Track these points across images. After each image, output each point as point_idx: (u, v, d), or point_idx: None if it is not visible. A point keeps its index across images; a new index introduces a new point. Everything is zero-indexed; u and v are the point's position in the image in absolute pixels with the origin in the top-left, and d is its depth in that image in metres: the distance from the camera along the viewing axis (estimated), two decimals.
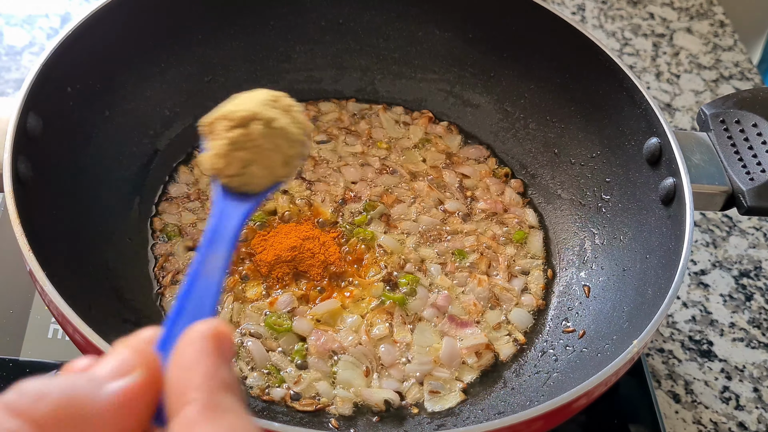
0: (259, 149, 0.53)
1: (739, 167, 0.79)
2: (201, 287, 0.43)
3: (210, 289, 0.43)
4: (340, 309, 0.82)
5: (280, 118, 0.55)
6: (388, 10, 1.01)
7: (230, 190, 0.53)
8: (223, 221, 0.50)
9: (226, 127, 0.53)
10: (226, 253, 0.46)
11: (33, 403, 0.31)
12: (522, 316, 0.85)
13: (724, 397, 0.90)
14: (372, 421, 0.76)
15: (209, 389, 0.33)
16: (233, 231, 0.49)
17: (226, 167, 0.53)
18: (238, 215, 0.51)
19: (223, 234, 0.48)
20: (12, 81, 1.11)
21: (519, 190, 0.97)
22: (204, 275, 0.44)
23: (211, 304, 0.42)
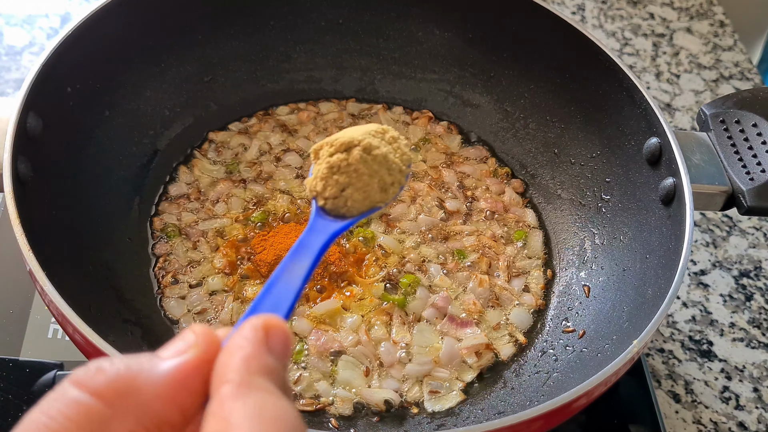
0: (357, 174, 0.55)
1: (739, 167, 0.79)
2: (279, 290, 0.45)
3: (288, 292, 0.45)
4: (340, 309, 0.82)
5: (381, 147, 0.57)
6: (388, 10, 1.01)
7: (326, 211, 0.56)
8: (312, 236, 0.52)
9: (328, 152, 0.56)
10: (310, 264, 0.48)
11: (94, 375, 0.33)
12: (522, 316, 0.85)
13: (724, 397, 0.90)
14: (372, 421, 0.76)
15: (246, 371, 0.34)
16: (320, 246, 0.51)
17: (324, 189, 0.55)
18: (327, 233, 0.53)
19: (310, 247, 0.50)
20: (12, 81, 1.11)
21: (519, 190, 0.97)
22: (284, 280, 0.46)
23: (286, 307, 0.44)
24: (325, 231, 0.53)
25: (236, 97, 1.00)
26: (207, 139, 0.97)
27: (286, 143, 0.98)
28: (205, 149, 0.96)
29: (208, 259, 0.86)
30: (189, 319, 0.81)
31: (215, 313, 0.81)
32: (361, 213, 0.56)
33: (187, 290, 0.83)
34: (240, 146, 0.97)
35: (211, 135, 0.98)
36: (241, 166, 0.95)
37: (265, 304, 0.44)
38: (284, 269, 0.47)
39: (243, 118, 1.00)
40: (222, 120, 0.99)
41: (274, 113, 1.01)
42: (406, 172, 0.59)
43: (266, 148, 0.97)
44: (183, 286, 0.83)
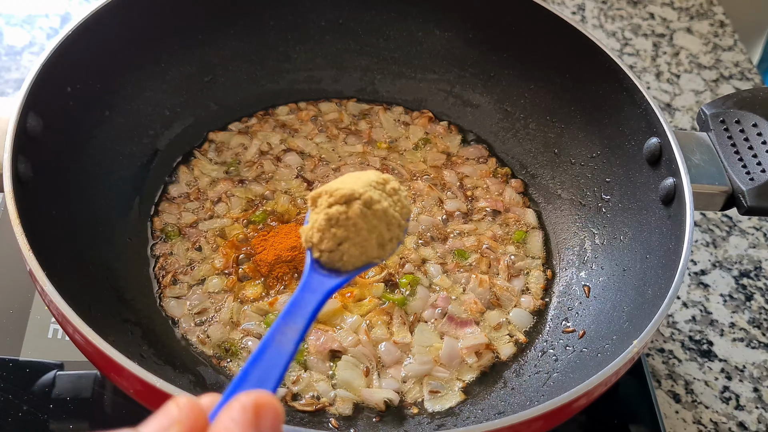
0: (356, 228, 0.54)
1: (739, 167, 0.79)
2: (270, 357, 0.43)
3: (279, 360, 0.43)
4: (340, 309, 0.82)
5: (382, 201, 0.56)
6: (388, 10, 1.01)
7: (322, 264, 0.54)
8: (307, 294, 0.50)
9: (327, 203, 0.54)
10: (303, 327, 0.46)
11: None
12: (522, 316, 0.85)
13: (724, 397, 0.90)
14: (372, 421, 0.76)
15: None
16: (314, 305, 0.49)
17: (320, 241, 0.54)
18: (322, 291, 0.52)
19: (304, 307, 0.49)
20: (12, 81, 1.11)
21: (519, 190, 0.97)
22: (276, 345, 0.44)
23: (277, 376, 0.42)
24: (320, 288, 0.52)
25: (236, 97, 1.00)
26: (207, 139, 0.97)
27: (286, 143, 0.98)
28: (205, 149, 0.96)
29: (208, 259, 0.86)
30: (189, 319, 0.81)
31: (215, 312, 0.81)
32: (356, 268, 0.55)
33: (187, 290, 0.83)
34: (240, 146, 0.97)
35: (211, 135, 0.98)
36: (241, 166, 0.95)
37: (255, 372, 0.41)
38: (276, 331, 0.45)
39: (243, 118, 1.00)
40: (222, 120, 0.99)
41: (274, 113, 1.01)
42: (405, 226, 0.58)
43: (266, 148, 0.97)
44: (183, 286, 0.83)
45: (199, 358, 0.78)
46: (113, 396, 0.78)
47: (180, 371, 0.75)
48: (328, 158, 0.97)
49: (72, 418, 0.76)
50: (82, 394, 0.78)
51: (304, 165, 0.96)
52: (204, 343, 0.79)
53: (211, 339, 0.79)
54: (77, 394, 0.78)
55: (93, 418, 0.76)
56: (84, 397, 0.78)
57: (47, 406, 0.76)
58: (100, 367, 0.64)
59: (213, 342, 0.79)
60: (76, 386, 0.78)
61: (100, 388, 0.78)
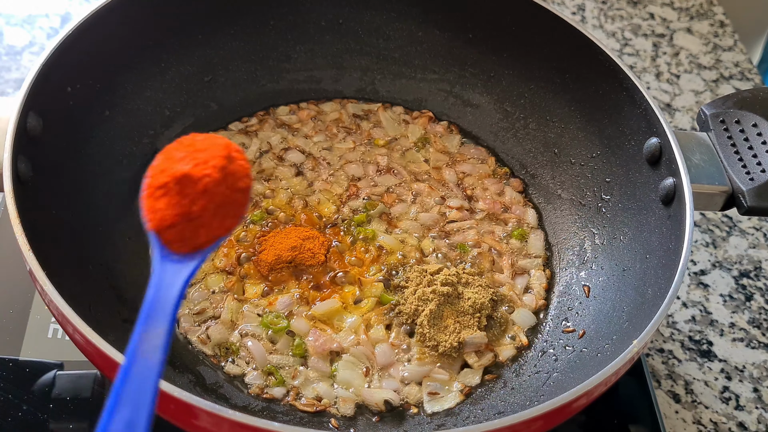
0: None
1: (739, 167, 0.79)
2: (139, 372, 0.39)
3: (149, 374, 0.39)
4: (340, 309, 0.82)
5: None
6: (388, 10, 1.01)
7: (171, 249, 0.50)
8: (162, 290, 0.46)
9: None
10: (167, 329, 0.42)
11: None
12: (525, 316, 0.85)
13: (724, 397, 0.90)
14: (372, 421, 0.76)
15: None
16: (173, 301, 0.45)
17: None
18: (179, 281, 0.47)
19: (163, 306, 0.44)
20: (12, 81, 1.11)
21: (518, 190, 0.97)
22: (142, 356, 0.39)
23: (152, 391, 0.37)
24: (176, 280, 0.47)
25: (236, 97, 1.00)
26: None
27: (286, 141, 0.98)
28: None
29: (208, 258, 0.86)
30: (189, 318, 0.81)
31: (215, 312, 0.81)
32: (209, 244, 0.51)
33: (187, 290, 0.83)
34: (240, 146, 0.97)
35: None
36: None
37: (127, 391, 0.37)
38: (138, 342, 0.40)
39: (243, 118, 1.00)
40: (222, 120, 0.99)
41: (274, 113, 1.01)
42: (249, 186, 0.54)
43: (266, 147, 0.97)
44: None
45: (199, 357, 0.78)
46: None
47: (180, 371, 0.75)
48: (327, 158, 0.97)
49: (72, 418, 0.76)
50: (82, 394, 0.78)
51: (304, 163, 0.96)
52: (204, 343, 0.79)
53: (212, 339, 0.79)
54: (77, 394, 0.78)
55: (93, 418, 0.76)
56: (84, 397, 0.78)
57: (47, 406, 0.76)
58: (100, 367, 0.64)
59: (213, 342, 0.79)
60: (76, 386, 0.78)
61: (100, 388, 0.78)
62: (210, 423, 0.56)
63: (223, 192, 0.51)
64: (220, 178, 0.51)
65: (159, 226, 0.50)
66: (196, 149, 0.52)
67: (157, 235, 0.50)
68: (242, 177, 0.54)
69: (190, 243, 0.51)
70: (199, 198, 0.50)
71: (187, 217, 0.50)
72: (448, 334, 0.79)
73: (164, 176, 0.51)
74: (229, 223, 0.53)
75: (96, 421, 0.47)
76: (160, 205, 0.50)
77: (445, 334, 0.79)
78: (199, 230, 0.51)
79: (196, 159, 0.51)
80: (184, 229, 0.51)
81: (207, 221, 0.51)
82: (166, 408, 0.57)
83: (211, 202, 0.51)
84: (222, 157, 0.52)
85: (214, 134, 0.56)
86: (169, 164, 0.52)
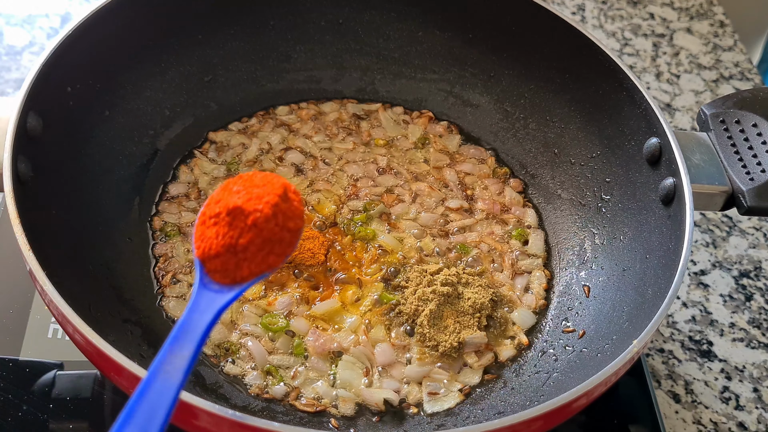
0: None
1: (739, 167, 0.79)
2: (157, 389, 0.38)
3: (167, 393, 0.38)
4: (340, 309, 0.82)
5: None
6: (388, 10, 1.01)
7: (212, 278, 0.51)
8: (196, 315, 0.46)
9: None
10: (192, 353, 0.42)
11: None
12: (525, 316, 0.85)
13: (724, 397, 0.90)
14: (372, 421, 0.76)
15: None
16: (204, 327, 0.45)
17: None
18: (213, 309, 0.48)
19: (193, 330, 0.44)
20: (12, 81, 1.11)
21: (518, 190, 0.97)
22: (163, 375, 0.39)
23: (164, 412, 0.37)
24: (211, 307, 0.48)
25: (236, 97, 1.00)
26: (207, 139, 0.97)
27: (286, 142, 0.98)
28: (205, 149, 0.96)
29: None
30: None
31: None
32: (251, 279, 0.52)
33: (187, 290, 0.83)
34: (240, 146, 0.97)
35: (211, 135, 0.98)
36: (241, 165, 0.95)
37: (141, 408, 0.37)
38: (163, 361, 0.40)
39: (243, 118, 1.00)
40: (222, 120, 0.99)
41: (274, 113, 1.01)
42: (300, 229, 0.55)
43: (266, 147, 0.97)
44: (183, 285, 0.83)
45: (199, 357, 0.78)
46: (113, 396, 0.78)
47: None
48: (328, 158, 0.97)
49: (72, 418, 0.76)
50: (82, 394, 0.78)
51: (305, 162, 0.96)
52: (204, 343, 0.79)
53: (211, 339, 0.79)
54: (77, 394, 0.78)
55: (93, 418, 0.76)
56: (84, 397, 0.78)
57: (47, 406, 0.76)
58: (100, 367, 0.64)
59: (213, 342, 0.79)
60: (76, 386, 0.78)
61: (100, 388, 0.78)
62: (210, 423, 0.56)
63: (272, 229, 0.52)
64: (270, 214, 0.52)
65: (205, 254, 0.52)
66: (253, 184, 0.54)
67: (201, 263, 0.51)
68: (294, 217, 0.54)
69: (232, 275, 0.52)
70: (247, 232, 0.51)
71: (233, 248, 0.51)
72: (448, 334, 0.79)
73: (218, 207, 0.52)
74: (273, 261, 0.54)
75: (96, 421, 0.47)
76: (209, 234, 0.52)
77: (445, 334, 0.79)
78: (242, 264, 0.52)
79: (250, 194, 0.53)
80: (229, 260, 0.51)
81: (251, 255, 0.52)
82: None
83: (258, 237, 0.52)
84: (277, 195, 0.53)
85: (274, 173, 0.57)
86: (226, 196, 0.53)
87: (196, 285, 0.51)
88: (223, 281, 0.52)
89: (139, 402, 0.38)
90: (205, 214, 0.53)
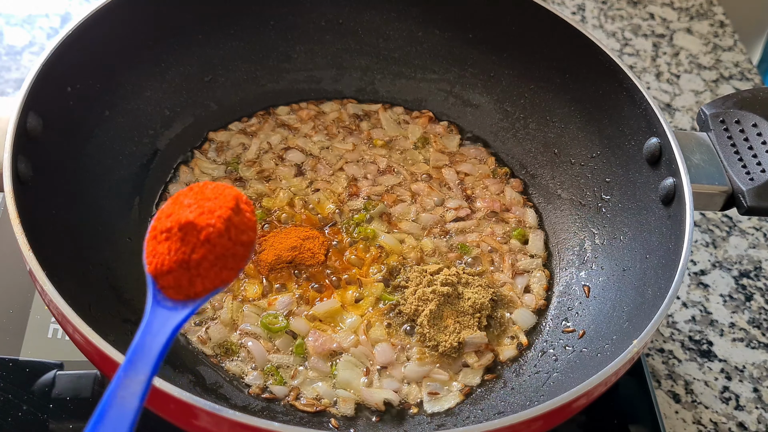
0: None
1: (739, 167, 0.79)
2: (113, 419, 0.38)
3: (123, 421, 0.38)
4: (340, 309, 0.82)
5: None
6: (388, 10, 1.01)
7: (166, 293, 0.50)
8: (148, 338, 0.45)
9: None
10: (147, 378, 0.41)
11: None
12: (525, 316, 0.85)
13: (724, 397, 0.90)
14: (372, 421, 0.76)
15: None
16: (159, 350, 0.44)
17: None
18: (167, 330, 0.47)
19: (147, 353, 0.43)
20: (12, 81, 1.11)
21: (518, 190, 0.97)
22: (119, 401, 0.38)
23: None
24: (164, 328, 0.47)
25: (236, 97, 1.00)
26: (207, 139, 0.97)
27: (286, 141, 0.98)
28: (205, 149, 0.96)
29: None
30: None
31: (214, 312, 0.81)
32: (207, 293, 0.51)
33: None
34: (240, 146, 0.97)
35: (211, 135, 0.98)
36: (241, 165, 0.95)
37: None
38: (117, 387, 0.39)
39: (243, 118, 1.00)
40: (222, 120, 0.99)
41: (274, 113, 1.01)
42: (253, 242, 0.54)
43: (266, 147, 0.97)
44: None
45: (199, 357, 0.78)
46: None
47: (179, 371, 0.75)
48: (327, 158, 0.97)
49: (72, 418, 0.76)
50: (82, 394, 0.78)
51: (304, 162, 0.96)
52: (204, 343, 0.79)
53: (212, 339, 0.79)
54: (77, 394, 0.78)
55: None
56: (84, 396, 0.78)
57: (47, 405, 0.76)
58: (100, 367, 0.64)
59: (213, 342, 0.79)
60: (76, 386, 0.78)
61: (100, 388, 0.78)
62: (210, 423, 0.56)
63: (225, 244, 0.52)
64: (223, 229, 0.51)
65: (157, 270, 0.51)
66: (205, 197, 0.53)
67: (154, 279, 0.51)
68: (246, 230, 0.53)
69: (185, 291, 0.51)
70: (199, 247, 0.50)
71: (185, 264, 0.50)
72: (448, 334, 0.79)
73: (169, 221, 0.51)
74: (226, 276, 0.53)
75: None
76: (161, 250, 0.51)
77: (445, 334, 0.79)
78: (196, 279, 0.51)
79: (202, 208, 0.52)
80: (181, 276, 0.51)
81: (204, 271, 0.51)
82: (166, 408, 0.57)
83: (211, 253, 0.51)
84: (229, 208, 0.52)
85: (226, 184, 0.56)
86: (177, 209, 0.52)
87: (149, 304, 0.50)
88: (177, 297, 0.51)
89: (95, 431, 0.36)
90: (156, 228, 0.52)
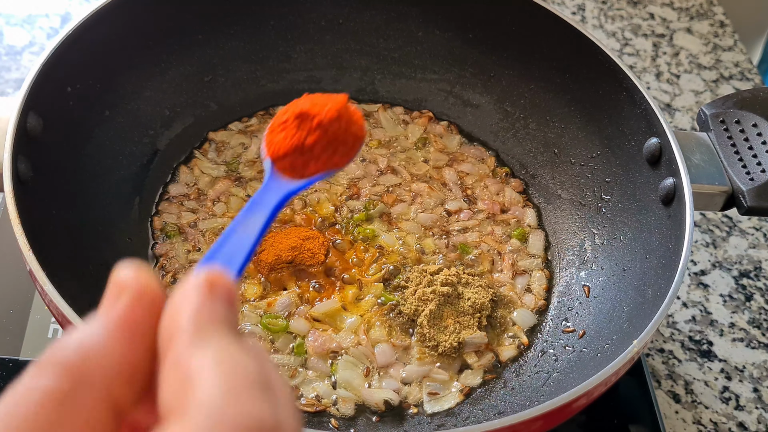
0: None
1: (739, 167, 0.79)
2: (234, 242, 0.44)
3: (243, 243, 0.44)
4: (339, 309, 0.82)
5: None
6: (388, 10, 1.01)
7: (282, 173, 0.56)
8: (266, 194, 0.51)
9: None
10: (265, 219, 0.47)
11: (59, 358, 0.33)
12: (525, 316, 0.85)
13: (724, 398, 0.90)
14: (372, 421, 0.76)
15: (196, 322, 0.32)
16: (275, 202, 0.50)
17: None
18: (283, 191, 0.53)
19: (266, 204, 0.50)
20: (12, 81, 1.11)
21: (519, 190, 0.97)
22: (239, 233, 0.44)
23: (241, 260, 0.42)
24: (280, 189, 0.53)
25: (236, 97, 1.00)
26: (207, 139, 0.97)
27: None
28: (205, 149, 0.96)
29: None
30: None
31: None
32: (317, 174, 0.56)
33: None
34: (240, 146, 0.97)
35: (211, 135, 0.98)
36: (242, 165, 0.95)
37: (220, 255, 0.43)
38: (239, 223, 0.46)
39: (243, 118, 1.00)
40: (222, 120, 0.99)
41: (274, 113, 1.01)
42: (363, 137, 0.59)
43: None
44: None
45: None
46: None
47: None
48: None
49: None
50: None
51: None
52: None
53: None
54: None
55: None
56: None
57: None
58: None
59: None
60: None
61: None
62: None
63: (335, 131, 0.56)
64: (335, 116, 0.56)
65: (274, 154, 0.56)
66: (317, 98, 0.58)
67: (272, 162, 0.56)
68: (356, 122, 0.58)
69: (300, 173, 0.56)
70: (313, 132, 0.55)
71: (300, 149, 0.55)
72: (448, 334, 0.79)
73: (285, 115, 0.56)
74: (338, 160, 0.57)
75: None
76: (278, 138, 0.56)
77: (445, 334, 0.79)
78: (310, 162, 0.56)
79: (315, 103, 0.57)
80: (296, 160, 0.55)
81: (317, 154, 0.56)
82: None
83: (324, 137, 0.55)
84: (339, 102, 0.57)
85: None
86: (292, 107, 0.57)
87: (267, 178, 0.55)
88: (292, 176, 0.56)
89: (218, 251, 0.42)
90: (274, 123, 0.57)
